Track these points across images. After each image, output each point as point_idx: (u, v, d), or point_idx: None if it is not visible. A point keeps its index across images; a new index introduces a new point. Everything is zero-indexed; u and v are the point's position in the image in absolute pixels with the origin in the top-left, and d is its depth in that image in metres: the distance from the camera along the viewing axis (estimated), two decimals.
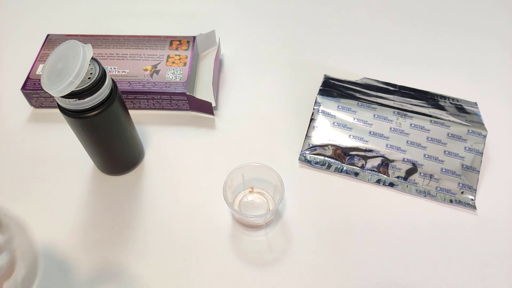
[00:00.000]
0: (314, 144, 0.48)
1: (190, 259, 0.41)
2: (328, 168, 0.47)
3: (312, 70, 0.57)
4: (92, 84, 0.36)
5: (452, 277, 0.40)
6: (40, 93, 0.50)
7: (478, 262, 0.41)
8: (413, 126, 0.47)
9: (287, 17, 0.65)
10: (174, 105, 0.52)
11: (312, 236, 0.42)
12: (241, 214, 0.41)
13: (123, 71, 0.51)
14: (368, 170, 0.47)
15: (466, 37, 0.62)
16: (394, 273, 0.40)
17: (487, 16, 0.65)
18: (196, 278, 0.40)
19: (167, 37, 0.55)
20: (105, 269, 0.40)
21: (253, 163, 0.42)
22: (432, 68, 0.58)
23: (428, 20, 0.64)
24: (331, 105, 0.49)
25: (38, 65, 0.51)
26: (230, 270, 0.40)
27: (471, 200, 0.45)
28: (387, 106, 0.48)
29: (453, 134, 0.46)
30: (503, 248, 0.42)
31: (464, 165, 0.45)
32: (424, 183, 0.45)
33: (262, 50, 0.60)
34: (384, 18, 0.65)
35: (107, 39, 0.54)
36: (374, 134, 0.47)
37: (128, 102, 0.51)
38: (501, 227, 0.43)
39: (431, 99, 0.51)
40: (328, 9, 0.66)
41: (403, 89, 0.52)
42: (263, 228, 0.43)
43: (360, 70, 0.56)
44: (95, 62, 0.37)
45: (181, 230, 0.43)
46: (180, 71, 0.51)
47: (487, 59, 0.59)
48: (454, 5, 0.66)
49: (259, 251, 0.41)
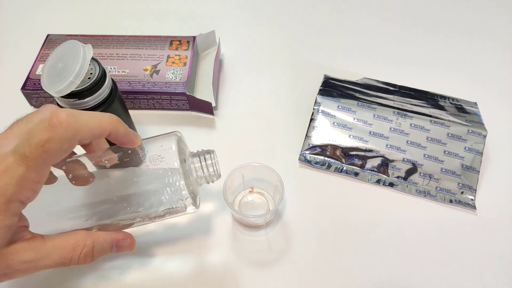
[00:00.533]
0: (314, 144, 0.48)
1: (190, 259, 0.41)
2: (328, 168, 0.47)
3: (312, 70, 0.57)
4: (92, 84, 0.36)
5: (452, 277, 0.40)
6: (40, 93, 0.50)
7: (478, 262, 0.41)
8: (413, 126, 0.47)
9: (287, 17, 0.65)
10: (174, 105, 0.52)
11: (312, 236, 0.42)
12: (241, 214, 0.41)
13: (123, 71, 0.51)
14: (368, 170, 0.47)
15: (466, 37, 0.62)
16: (394, 273, 0.40)
17: (487, 16, 0.65)
18: (196, 278, 0.40)
19: (167, 37, 0.55)
20: (105, 265, 0.40)
21: (253, 163, 0.42)
22: (432, 68, 0.58)
23: (428, 20, 0.64)
24: (331, 105, 0.49)
25: (38, 65, 0.51)
26: (230, 270, 0.40)
27: (471, 200, 0.45)
28: (387, 106, 0.48)
29: (453, 134, 0.46)
30: (503, 248, 0.42)
31: (464, 165, 0.45)
32: (424, 183, 0.45)
33: (262, 50, 0.60)
34: (384, 18, 0.65)
35: (107, 39, 0.54)
36: (374, 134, 0.47)
37: (128, 102, 0.51)
38: (501, 227, 0.43)
39: (431, 99, 0.51)
40: (328, 9, 0.66)
41: (403, 89, 0.52)
42: (263, 228, 0.43)
43: (360, 70, 0.56)
44: (95, 62, 0.37)
45: (181, 230, 0.43)
46: (180, 71, 0.51)
47: (487, 59, 0.59)
48: (454, 5, 0.66)
49: (259, 251, 0.41)
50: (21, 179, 0.25)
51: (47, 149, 0.25)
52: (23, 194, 0.26)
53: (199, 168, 0.35)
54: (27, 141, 0.26)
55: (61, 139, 0.26)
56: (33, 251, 0.28)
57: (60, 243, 0.29)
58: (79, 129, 0.27)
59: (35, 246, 0.28)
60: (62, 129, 0.26)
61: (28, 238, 0.28)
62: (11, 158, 0.25)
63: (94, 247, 0.30)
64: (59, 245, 0.29)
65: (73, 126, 0.26)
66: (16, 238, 0.27)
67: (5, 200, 0.25)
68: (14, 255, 0.27)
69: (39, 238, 0.28)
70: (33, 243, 0.28)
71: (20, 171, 0.25)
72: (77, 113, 0.27)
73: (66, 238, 0.30)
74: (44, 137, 0.25)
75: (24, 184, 0.26)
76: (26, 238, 0.28)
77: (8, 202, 0.25)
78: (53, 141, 0.26)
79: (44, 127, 0.26)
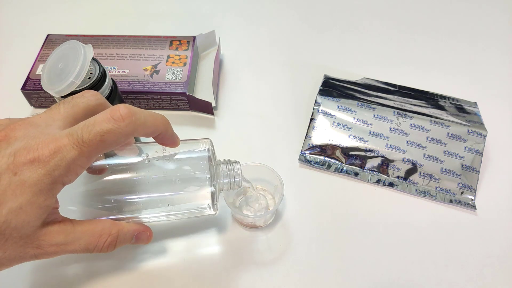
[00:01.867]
0: (314, 144, 0.48)
1: (190, 259, 0.41)
2: (328, 168, 0.47)
3: (312, 70, 0.57)
4: (92, 84, 0.36)
5: (452, 277, 0.40)
6: (40, 93, 0.50)
7: (478, 262, 0.41)
8: (413, 126, 0.47)
9: (287, 17, 0.65)
10: (174, 105, 0.52)
11: (312, 236, 0.42)
12: (241, 214, 0.41)
13: (123, 71, 0.51)
14: (368, 170, 0.47)
15: (466, 37, 0.62)
16: (394, 273, 0.40)
17: (487, 16, 0.65)
18: (196, 278, 0.40)
19: (167, 37, 0.55)
20: (95, 267, 0.40)
21: (253, 163, 0.42)
22: (432, 68, 0.58)
23: (428, 20, 0.64)
24: (331, 105, 0.49)
25: (38, 65, 0.51)
26: (230, 270, 0.40)
27: (471, 200, 0.45)
28: (387, 106, 0.48)
29: (453, 134, 0.46)
30: (503, 248, 0.42)
31: (464, 165, 0.45)
32: (424, 183, 0.45)
33: (262, 50, 0.60)
34: (384, 18, 0.65)
35: (107, 39, 0.54)
36: (374, 134, 0.47)
37: (128, 102, 0.51)
38: (501, 227, 0.43)
39: (431, 99, 0.51)
40: (328, 9, 0.66)
41: (403, 89, 0.52)
42: (263, 228, 0.43)
43: (360, 70, 0.56)
44: (95, 62, 0.37)
45: (181, 230, 0.43)
46: (180, 71, 0.51)
47: (487, 59, 0.59)
48: (454, 6, 0.66)
49: (259, 251, 0.41)
50: (71, 162, 0.26)
51: (105, 139, 0.26)
52: (68, 177, 0.26)
53: (226, 174, 0.37)
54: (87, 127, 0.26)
55: (120, 133, 0.27)
56: (63, 234, 0.28)
57: (89, 229, 0.30)
58: (139, 126, 0.28)
59: (66, 229, 0.28)
60: (124, 123, 0.27)
61: (59, 221, 0.28)
62: (65, 139, 0.26)
63: (118, 237, 0.31)
64: (88, 230, 0.29)
65: (134, 123, 0.27)
66: (49, 219, 0.28)
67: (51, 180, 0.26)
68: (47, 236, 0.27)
69: (68, 222, 0.29)
70: (64, 226, 0.28)
71: (73, 154, 0.26)
72: (137, 110, 0.28)
73: (94, 225, 0.30)
74: (105, 128, 0.26)
75: (72, 167, 0.26)
76: (58, 221, 0.28)
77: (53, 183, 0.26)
78: (113, 133, 0.26)
79: (106, 118, 0.26)
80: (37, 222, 0.26)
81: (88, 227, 0.30)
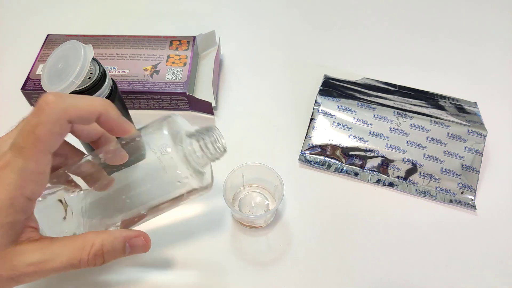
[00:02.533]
0: (314, 144, 0.48)
1: (190, 259, 0.41)
2: (328, 168, 0.47)
3: (312, 70, 0.57)
4: (92, 84, 0.36)
5: (452, 277, 0.40)
6: (40, 93, 0.50)
7: (478, 262, 0.41)
8: (413, 126, 0.47)
9: (287, 17, 0.65)
10: (174, 105, 0.52)
11: (312, 236, 0.42)
12: (241, 214, 0.41)
13: (123, 71, 0.51)
14: (368, 170, 0.47)
15: (466, 37, 0.62)
16: (394, 273, 0.40)
17: (486, 16, 0.65)
18: (196, 278, 0.40)
19: (167, 37, 0.55)
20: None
21: (253, 163, 0.42)
22: (432, 68, 0.58)
23: (428, 20, 0.64)
24: (331, 105, 0.49)
25: (38, 65, 0.51)
26: (230, 270, 0.40)
27: (471, 200, 0.45)
28: (387, 106, 0.48)
29: (453, 134, 0.46)
30: (503, 248, 0.42)
31: (464, 165, 0.45)
32: (424, 183, 0.45)
33: (262, 50, 0.60)
34: (384, 18, 0.65)
35: (107, 39, 0.54)
36: (374, 134, 0.47)
37: (128, 102, 0.51)
38: (501, 227, 0.43)
39: (431, 99, 0.51)
40: (328, 9, 0.66)
41: (403, 89, 0.52)
42: (263, 228, 0.43)
43: (360, 70, 0.56)
44: (95, 62, 0.37)
45: (180, 230, 0.43)
46: (180, 71, 0.51)
47: (487, 59, 0.59)
48: (454, 6, 0.66)
49: (259, 251, 0.41)
50: (21, 172, 0.25)
51: (38, 135, 0.25)
52: (27, 188, 0.25)
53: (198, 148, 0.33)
54: (21, 131, 0.25)
55: (49, 121, 0.25)
56: (39, 251, 0.26)
57: (68, 243, 0.28)
58: (67, 108, 0.26)
59: (41, 246, 0.27)
60: (49, 110, 0.25)
61: (35, 239, 0.27)
62: (9, 153, 0.25)
63: (103, 246, 0.28)
64: (67, 245, 0.27)
65: (60, 107, 0.25)
66: (22, 238, 0.26)
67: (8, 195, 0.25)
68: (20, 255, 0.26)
69: (47, 239, 0.27)
70: (39, 244, 0.27)
71: (19, 163, 0.25)
72: (66, 95, 0.26)
73: (75, 238, 0.28)
74: (33, 123, 0.25)
75: (25, 176, 0.25)
76: (34, 239, 0.27)
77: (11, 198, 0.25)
78: (42, 124, 0.25)
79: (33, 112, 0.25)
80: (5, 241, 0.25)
81: (67, 241, 0.28)
